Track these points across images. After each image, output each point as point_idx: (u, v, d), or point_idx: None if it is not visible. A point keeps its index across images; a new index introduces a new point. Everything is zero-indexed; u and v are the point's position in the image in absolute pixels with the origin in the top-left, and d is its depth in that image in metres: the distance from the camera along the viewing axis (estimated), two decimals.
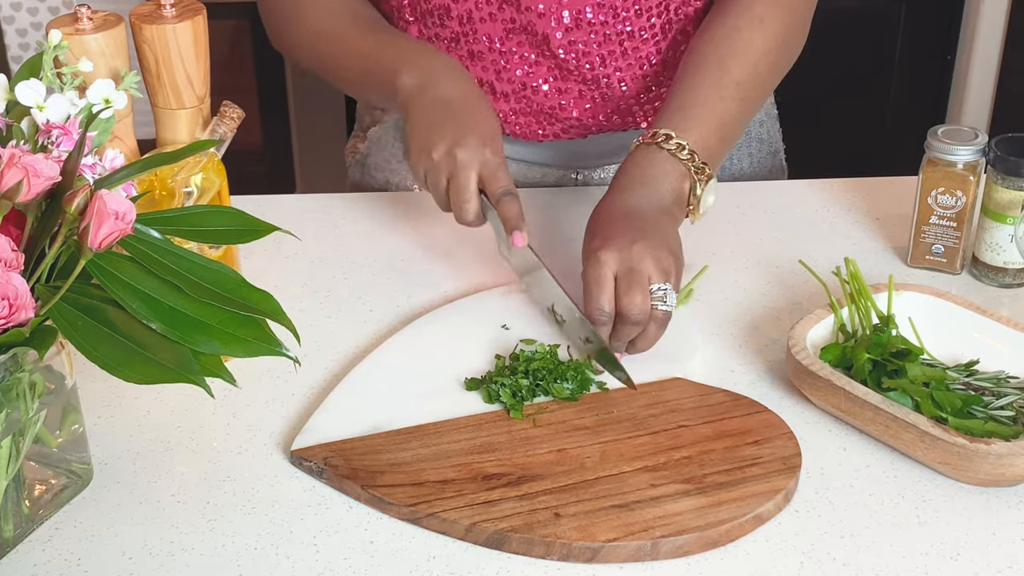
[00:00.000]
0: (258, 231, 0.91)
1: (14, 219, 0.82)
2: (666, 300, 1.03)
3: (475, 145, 1.08)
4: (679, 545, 0.87)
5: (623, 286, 1.03)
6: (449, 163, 1.09)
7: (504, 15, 1.22)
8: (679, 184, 1.11)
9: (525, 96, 1.28)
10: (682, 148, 1.11)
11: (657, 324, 1.04)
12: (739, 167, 1.42)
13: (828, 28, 1.60)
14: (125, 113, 1.03)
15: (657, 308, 1.03)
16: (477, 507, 0.89)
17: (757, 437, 0.96)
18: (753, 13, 1.18)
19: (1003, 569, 0.86)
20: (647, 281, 1.03)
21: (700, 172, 1.11)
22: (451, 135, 1.09)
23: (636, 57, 1.25)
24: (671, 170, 1.11)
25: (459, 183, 1.08)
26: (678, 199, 1.11)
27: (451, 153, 1.08)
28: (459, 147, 1.08)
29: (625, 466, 0.93)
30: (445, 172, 1.09)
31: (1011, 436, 0.93)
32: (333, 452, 0.95)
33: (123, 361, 0.81)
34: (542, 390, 1.00)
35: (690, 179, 1.11)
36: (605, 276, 1.03)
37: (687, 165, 1.11)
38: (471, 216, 1.09)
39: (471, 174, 1.08)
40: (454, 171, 1.08)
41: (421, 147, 1.10)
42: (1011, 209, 1.15)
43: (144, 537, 0.89)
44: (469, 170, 1.08)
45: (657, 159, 1.11)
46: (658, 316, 1.03)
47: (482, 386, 1.02)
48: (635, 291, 1.02)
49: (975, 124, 1.71)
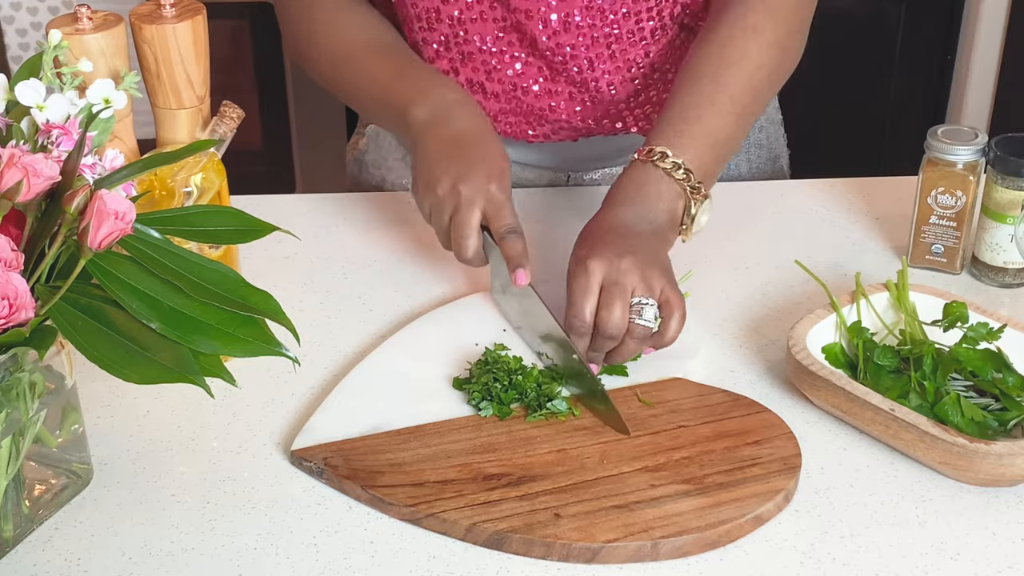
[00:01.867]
0: (258, 231, 0.91)
1: (14, 219, 0.82)
2: (643, 315, 1.02)
3: (480, 181, 1.07)
4: (679, 546, 0.87)
5: (604, 299, 1.02)
6: (453, 199, 1.07)
7: (495, 14, 1.21)
8: (673, 204, 1.10)
9: (515, 97, 1.27)
10: (678, 167, 1.09)
11: (634, 339, 1.02)
12: (736, 172, 1.41)
13: (828, 28, 1.59)
14: (125, 113, 1.03)
15: (634, 323, 1.02)
16: (477, 507, 0.89)
17: (757, 437, 0.96)
18: (746, 23, 1.16)
19: (1003, 569, 0.86)
20: (630, 295, 1.02)
21: (695, 192, 1.10)
22: (456, 171, 1.08)
23: (624, 60, 1.24)
24: (666, 190, 1.09)
25: (460, 219, 1.07)
26: (672, 219, 1.10)
27: (455, 188, 1.07)
28: (463, 183, 1.07)
29: (625, 466, 0.93)
30: (449, 208, 1.08)
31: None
32: (333, 452, 0.95)
33: (123, 361, 0.81)
34: (515, 390, 1.00)
35: (685, 199, 1.10)
36: (590, 286, 1.02)
37: (682, 185, 1.09)
38: (471, 253, 1.08)
39: (474, 211, 1.07)
40: (458, 207, 1.07)
41: (426, 183, 1.10)
42: (1011, 209, 1.15)
43: (144, 537, 0.89)
44: (472, 207, 1.07)
45: (652, 178, 1.10)
46: (635, 331, 1.02)
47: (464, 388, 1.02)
48: (615, 305, 1.01)
49: (975, 124, 1.71)
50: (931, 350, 1.00)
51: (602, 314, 1.01)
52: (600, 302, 1.02)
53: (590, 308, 1.02)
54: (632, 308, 1.02)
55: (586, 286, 1.02)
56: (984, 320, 1.02)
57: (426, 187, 1.10)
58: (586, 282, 1.02)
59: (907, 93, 2.77)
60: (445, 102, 1.14)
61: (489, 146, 1.11)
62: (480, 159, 1.09)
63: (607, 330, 1.01)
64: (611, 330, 1.01)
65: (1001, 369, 0.99)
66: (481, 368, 1.02)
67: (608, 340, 1.02)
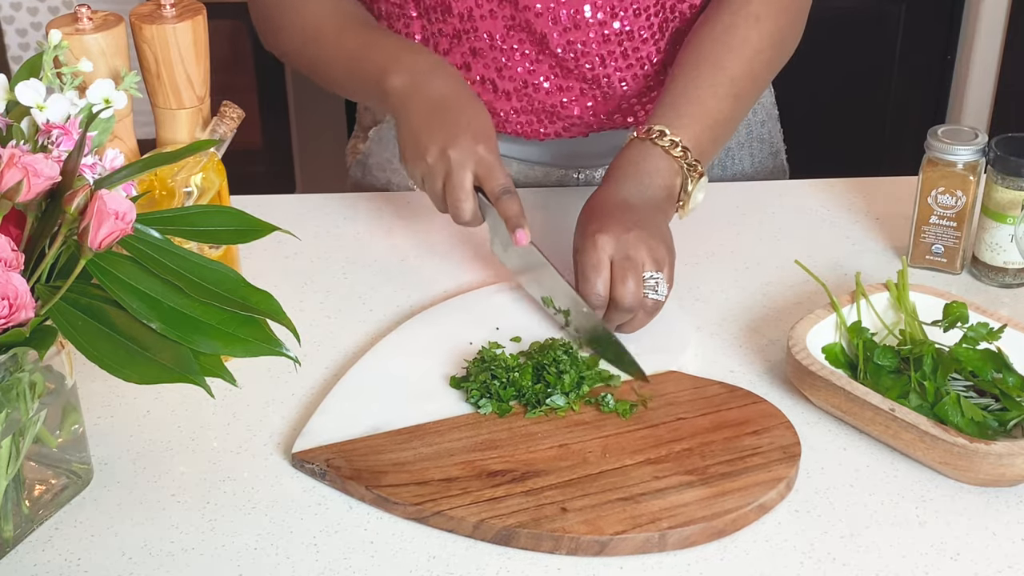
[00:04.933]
0: (258, 231, 0.91)
1: (14, 219, 0.82)
2: (657, 289, 1.05)
3: (468, 144, 1.08)
4: (686, 536, 0.87)
5: (618, 273, 1.04)
6: (444, 164, 1.08)
7: (504, 12, 1.21)
8: (671, 180, 1.12)
9: (527, 94, 1.28)
10: (675, 145, 1.12)
11: (646, 312, 1.05)
12: (740, 167, 1.42)
13: (828, 28, 1.60)
14: (125, 113, 1.03)
15: (648, 297, 1.05)
16: (483, 504, 0.89)
17: (756, 427, 0.97)
18: (749, 10, 1.19)
19: (1003, 569, 0.86)
20: (641, 269, 1.04)
21: (692, 169, 1.12)
22: (443, 136, 1.09)
23: (636, 57, 1.25)
24: (663, 167, 1.12)
25: (454, 183, 1.08)
26: (669, 195, 1.12)
27: (444, 154, 1.08)
28: (452, 147, 1.08)
29: (627, 459, 0.94)
30: (440, 174, 1.09)
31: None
32: (335, 454, 0.94)
33: (123, 361, 0.81)
34: (514, 387, 1.00)
35: (682, 176, 1.13)
36: (602, 261, 1.04)
37: (679, 162, 1.12)
38: (468, 216, 1.09)
39: (466, 173, 1.08)
40: (449, 172, 1.08)
41: (414, 151, 1.10)
42: (1011, 209, 1.15)
43: (144, 537, 0.89)
44: (464, 170, 1.08)
45: (651, 155, 1.12)
46: (648, 305, 1.05)
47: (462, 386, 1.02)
48: (629, 278, 1.03)
49: (975, 124, 1.71)
50: (931, 350, 1.00)
51: (618, 289, 1.04)
52: (613, 277, 1.04)
53: (603, 282, 1.04)
54: (646, 283, 1.04)
55: (597, 261, 1.04)
56: (984, 320, 1.03)
57: (415, 155, 1.10)
58: (596, 257, 1.05)
59: (907, 93, 2.77)
60: (421, 67, 1.14)
61: (472, 108, 1.11)
62: (466, 122, 1.10)
63: (623, 303, 1.03)
64: (627, 303, 1.03)
65: (1001, 369, 0.99)
66: (478, 366, 1.02)
67: (624, 313, 1.04)
